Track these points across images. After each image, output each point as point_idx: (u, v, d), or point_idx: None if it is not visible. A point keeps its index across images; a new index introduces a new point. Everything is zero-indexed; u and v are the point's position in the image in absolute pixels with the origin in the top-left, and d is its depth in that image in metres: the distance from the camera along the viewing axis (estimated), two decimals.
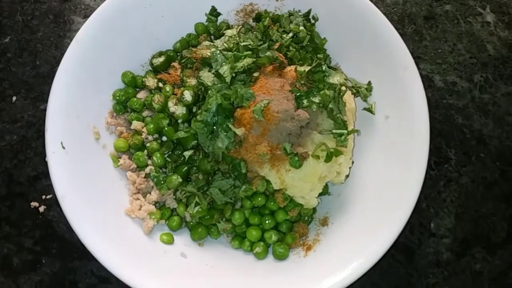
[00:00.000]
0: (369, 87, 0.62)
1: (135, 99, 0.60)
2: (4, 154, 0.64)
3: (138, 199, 0.58)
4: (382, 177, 0.58)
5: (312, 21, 0.64)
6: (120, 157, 0.60)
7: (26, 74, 0.68)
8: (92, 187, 0.56)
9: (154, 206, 0.58)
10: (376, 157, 0.59)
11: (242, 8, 0.64)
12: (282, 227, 0.59)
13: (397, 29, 0.69)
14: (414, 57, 0.68)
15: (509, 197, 0.64)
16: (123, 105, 0.60)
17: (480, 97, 0.68)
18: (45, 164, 0.56)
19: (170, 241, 0.57)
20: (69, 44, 0.62)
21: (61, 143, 0.54)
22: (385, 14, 0.70)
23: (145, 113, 0.61)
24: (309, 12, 0.64)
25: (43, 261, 0.54)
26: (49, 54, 0.69)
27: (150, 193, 0.59)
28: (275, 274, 0.56)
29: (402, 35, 0.70)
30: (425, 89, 0.65)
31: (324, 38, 0.64)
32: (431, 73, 0.68)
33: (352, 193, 0.60)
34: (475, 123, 0.67)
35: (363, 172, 0.60)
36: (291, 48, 0.61)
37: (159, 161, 0.58)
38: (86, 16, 0.73)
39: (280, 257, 0.58)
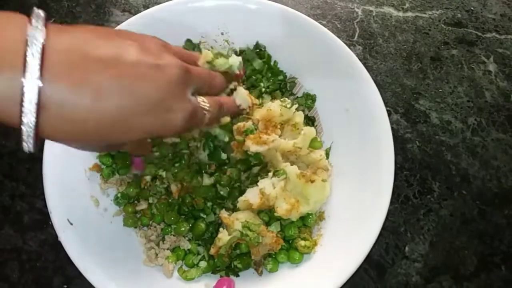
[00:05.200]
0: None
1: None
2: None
3: (152, 248, 0.55)
4: (358, 163, 0.56)
5: (262, 50, 0.60)
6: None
7: None
8: (108, 250, 0.52)
9: (169, 251, 0.55)
10: (348, 146, 0.57)
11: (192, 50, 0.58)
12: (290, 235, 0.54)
13: (403, 65, 0.64)
14: (415, 93, 0.63)
15: (483, 235, 0.59)
16: (111, 171, 0.56)
17: (471, 138, 0.63)
18: None
19: (192, 277, 0.53)
20: None
21: (68, 219, 0.51)
22: (395, 49, 0.67)
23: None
24: (257, 44, 0.60)
25: (50, 222, 0.52)
26: None
27: (162, 241, 0.55)
28: (297, 276, 0.53)
29: (408, 71, 0.64)
30: (421, 123, 0.61)
31: (275, 61, 0.61)
32: (428, 109, 0.64)
33: (336, 182, 0.57)
34: (463, 162, 0.62)
35: (342, 162, 0.57)
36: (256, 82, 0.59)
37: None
38: (124, 10, 0.69)
39: (298, 261, 0.54)
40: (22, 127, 0.31)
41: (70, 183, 0.54)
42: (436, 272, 0.59)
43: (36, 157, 0.57)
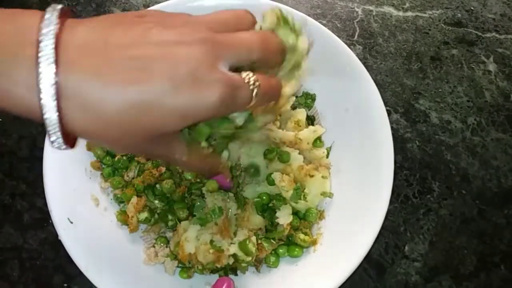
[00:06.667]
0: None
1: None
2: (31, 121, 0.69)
3: (152, 246, 0.55)
4: (358, 158, 0.56)
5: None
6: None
7: None
8: (109, 249, 0.53)
9: (168, 249, 0.54)
10: (348, 146, 0.57)
11: None
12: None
13: (403, 64, 0.64)
14: (415, 93, 0.63)
15: (482, 234, 0.59)
16: (111, 170, 0.56)
17: (470, 138, 0.64)
18: None
19: (191, 275, 0.53)
20: None
21: (68, 218, 0.51)
22: (395, 49, 0.67)
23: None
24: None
25: (50, 221, 0.52)
26: None
27: None
28: (296, 275, 0.53)
29: (408, 70, 0.64)
30: (421, 123, 0.61)
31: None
32: (428, 109, 0.64)
33: (335, 182, 0.57)
34: (462, 162, 0.62)
35: (342, 161, 0.58)
36: None
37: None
38: (124, 9, 0.70)
39: (297, 254, 0.54)
40: (45, 120, 0.30)
41: (71, 182, 0.54)
42: (436, 271, 0.59)
43: (37, 156, 0.59)
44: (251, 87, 0.35)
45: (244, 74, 0.35)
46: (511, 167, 0.64)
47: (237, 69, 0.35)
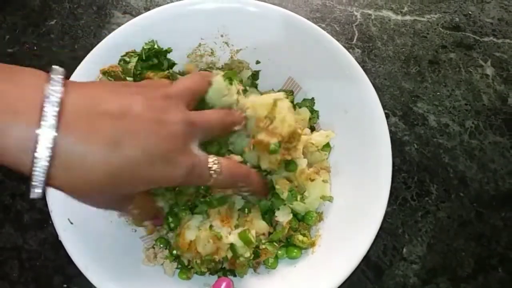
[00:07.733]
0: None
1: None
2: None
3: (151, 247, 0.55)
4: (356, 160, 0.56)
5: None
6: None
7: (64, 55, 0.66)
8: (108, 250, 0.53)
9: (167, 250, 0.54)
10: (346, 148, 0.57)
11: (192, 51, 0.60)
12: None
13: (402, 68, 0.64)
14: (413, 96, 0.63)
15: (480, 237, 0.60)
16: None
17: (468, 141, 0.64)
18: None
19: (190, 277, 0.53)
20: (106, 34, 0.58)
21: (68, 219, 0.51)
22: (393, 52, 0.67)
23: None
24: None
25: (50, 221, 0.51)
26: (87, 41, 0.67)
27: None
28: (294, 276, 0.53)
29: (406, 74, 0.65)
30: (419, 126, 0.61)
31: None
32: (426, 112, 0.64)
33: (334, 184, 0.57)
34: (460, 165, 0.63)
35: (340, 163, 0.58)
36: None
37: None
38: (125, 12, 0.70)
39: (296, 256, 0.54)
40: (34, 174, 0.32)
41: None
42: (434, 273, 0.59)
43: None
44: (211, 171, 0.42)
45: (210, 159, 0.42)
46: (508, 170, 0.65)
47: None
